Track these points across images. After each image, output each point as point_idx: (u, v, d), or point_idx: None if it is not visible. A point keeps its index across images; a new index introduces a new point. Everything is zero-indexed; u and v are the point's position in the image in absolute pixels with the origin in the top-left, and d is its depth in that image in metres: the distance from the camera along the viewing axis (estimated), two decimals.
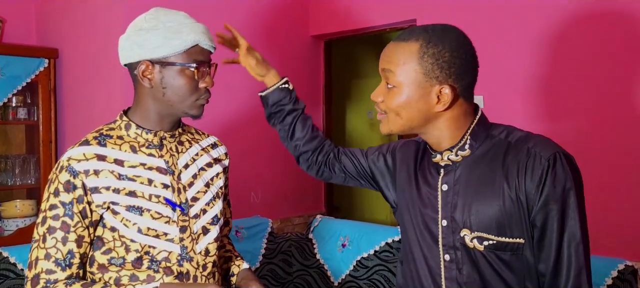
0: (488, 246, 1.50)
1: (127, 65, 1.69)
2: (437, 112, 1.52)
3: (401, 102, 1.52)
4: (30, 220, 3.90)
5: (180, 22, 1.64)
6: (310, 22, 4.57)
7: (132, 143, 1.69)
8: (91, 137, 1.68)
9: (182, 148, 1.78)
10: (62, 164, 1.61)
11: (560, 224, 1.44)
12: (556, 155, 1.46)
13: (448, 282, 1.57)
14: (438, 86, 1.49)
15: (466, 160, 1.57)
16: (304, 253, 3.45)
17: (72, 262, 1.59)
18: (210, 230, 1.76)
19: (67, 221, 1.58)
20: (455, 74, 1.48)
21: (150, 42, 1.61)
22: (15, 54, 3.78)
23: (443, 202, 1.58)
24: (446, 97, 1.49)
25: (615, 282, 2.36)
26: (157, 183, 1.67)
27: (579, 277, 1.44)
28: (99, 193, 1.60)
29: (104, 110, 3.64)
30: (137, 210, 1.62)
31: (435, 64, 1.48)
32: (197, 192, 1.76)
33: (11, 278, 2.70)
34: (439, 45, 1.48)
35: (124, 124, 1.72)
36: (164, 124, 1.73)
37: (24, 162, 3.98)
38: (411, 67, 1.50)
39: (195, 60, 1.64)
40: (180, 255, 1.68)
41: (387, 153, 1.87)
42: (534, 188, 1.45)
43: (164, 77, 1.64)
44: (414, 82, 1.50)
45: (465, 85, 1.52)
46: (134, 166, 1.66)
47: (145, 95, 1.69)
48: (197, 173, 1.79)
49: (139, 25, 1.65)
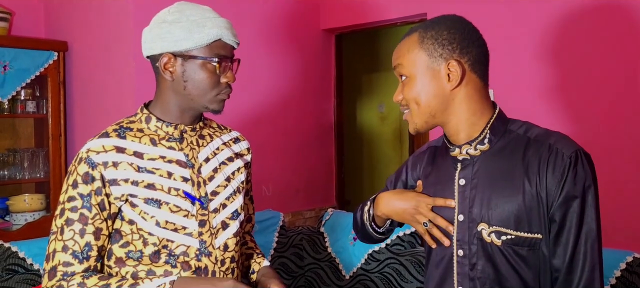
0: (506, 241, 1.50)
1: (149, 58, 1.68)
2: (451, 91, 1.53)
3: (416, 89, 1.55)
4: (39, 214, 3.88)
5: (204, 16, 1.63)
6: (321, 16, 4.57)
7: (152, 136, 1.68)
8: (111, 129, 1.66)
9: (203, 141, 1.76)
10: (81, 156, 1.60)
11: (578, 221, 1.45)
12: (578, 152, 1.47)
13: (460, 277, 1.57)
14: (444, 63, 1.52)
15: (484, 155, 1.56)
16: (316, 247, 3.43)
17: (90, 254, 1.57)
18: (230, 225, 1.74)
19: (85, 213, 1.57)
20: (458, 48, 1.52)
21: (173, 35, 1.60)
22: (23, 47, 3.76)
23: (460, 196, 1.58)
24: (455, 72, 1.51)
25: (623, 274, 2.38)
26: (176, 176, 1.65)
27: (592, 273, 1.46)
28: (118, 185, 1.58)
29: (114, 103, 3.62)
30: (155, 203, 1.60)
31: (436, 43, 1.52)
32: (217, 186, 1.73)
33: (20, 272, 2.68)
34: (435, 27, 1.54)
35: (145, 117, 1.70)
36: (185, 118, 1.71)
37: (33, 155, 3.96)
38: (415, 53, 1.55)
39: (218, 54, 1.63)
40: (199, 249, 1.65)
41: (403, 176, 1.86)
42: (555, 185, 1.46)
43: (186, 71, 1.63)
44: (421, 67, 1.54)
45: (473, 60, 1.54)
46: (154, 159, 1.64)
47: (166, 88, 1.68)
48: (218, 167, 1.76)
49: (162, 18, 1.64)
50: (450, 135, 1.61)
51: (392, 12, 4.11)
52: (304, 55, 4.45)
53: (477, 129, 1.57)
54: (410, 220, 1.66)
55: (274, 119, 4.21)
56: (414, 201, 1.64)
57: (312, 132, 4.54)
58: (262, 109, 4.03)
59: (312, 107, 4.53)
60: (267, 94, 4.14)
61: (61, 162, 3.93)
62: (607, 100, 3.13)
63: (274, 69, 4.19)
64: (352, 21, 4.38)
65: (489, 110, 1.58)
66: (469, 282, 1.55)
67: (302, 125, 4.45)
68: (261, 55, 4.06)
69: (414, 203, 1.64)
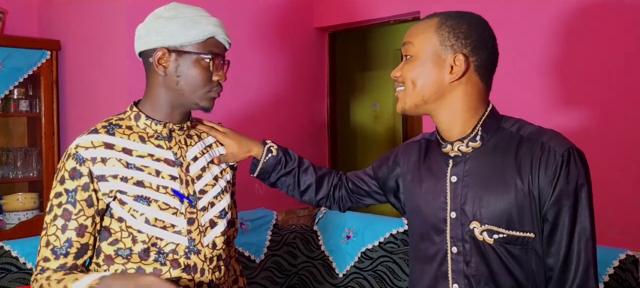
0: (498, 240, 1.50)
1: (142, 54, 1.70)
2: (450, 83, 1.53)
3: (417, 69, 1.55)
4: (32, 213, 3.88)
5: (199, 14, 1.67)
6: (314, 14, 4.56)
7: (141, 133, 1.69)
8: (100, 126, 1.68)
9: (190, 141, 1.79)
10: (70, 152, 1.61)
11: (571, 220, 1.45)
12: (570, 150, 1.46)
13: (455, 274, 1.57)
14: (452, 55, 1.51)
15: (476, 152, 1.56)
16: (309, 245, 3.44)
17: (69, 251, 1.58)
18: (218, 224, 1.76)
19: (69, 208, 1.58)
20: (470, 46, 1.51)
21: (168, 30, 1.63)
22: (16, 46, 3.75)
23: (452, 193, 1.58)
24: (459, 66, 1.51)
25: (616, 271, 2.38)
26: (164, 174, 1.67)
27: (587, 272, 1.45)
28: (106, 181, 1.60)
29: (106, 102, 3.62)
30: (144, 201, 1.62)
31: (452, 33, 1.52)
32: (206, 185, 1.76)
33: (13, 272, 2.67)
34: (457, 19, 1.53)
35: (134, 115, 1.72)
36: (174, 116, 1.73)
37: (26, 154, 3.95)
38: (428, 36, 1.54)
39: (211, 51, 1.66)
40: (188, 247, 1.67)
41: (391, 162, 1.87)
42: (548, 183, 1.46)
43: (179, 66, 1.65)
44: (429, 50, 1.53)
45: (481, 62, 1.53)
46: (142, 156, 1.66)
47: (158, 84, 1.69)
48: (206, 166, 1.79)
49: (158, 14, 1.67)
50: (442, 131, 1.61)
51: (385, 10, 4.11)
52: (297, 53, 4.45)
53: (470, 126, 1.56)
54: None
55: (267, 118, 4.21)
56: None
57: (306, 131, 4.54)
58: (255, 108, 4.03)
59: (306, 106, 4.53)
60: (260, 92, 4.13)
61: (54, 161, 3.92)
62: (601, 97, 3.13)
63: (266, 68, 4.18)
64: (346, 19, 4.37)
65: (482, 109, 1.57)
66: (463, 279, 1.55)
67: (295, 124, 4.45)
68: (254, 53, 4.06)
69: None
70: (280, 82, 4.31)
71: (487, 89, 1.58)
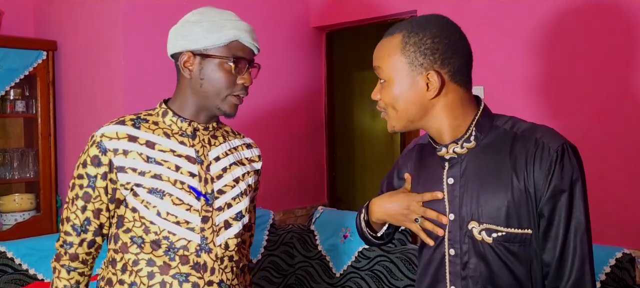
0: (497, 238, 1.50)
1: (172, 56, 1.76)
2: (430, 100, 1.53)
3: (394, 94, 1.55)
4: (29, 214, 3.87)
5: (225, 18, 1.72)
6: (311, 13, 4.56)
7: (166, 129, 1.75)
8: (128, 118, 1.75)
9: (215, 141, 1.83)
10: (95, 139, 1.69)
11: (567, 215, 1.46)
12: (564, 146, 1.47)
13: (452, 276, 1.57)
14: (424, 73, 1.50)
15: (471, 152, 1.56)
16: (306, 245, 3.43)
17: (88, 228, 1.72)
18: (232, 226, 1.78)
19: (89, 192, 1.69)
20: (440, 59, 1.50)
21: (193, 34, 1.68)
22: (12, 46, 3.74)
23: (449, 195, 1.58)
24: (434, 83, 1.50)
25: (613, 269, 2.39)
26: (183, 170, 1.71)
27: (583, 266, 1.46)
28: (125, 173, 1.66)
29: (103, 103, 3.61)
30: (158, 194, 1.66)
31: (418, 52, 1.50)
32: (225, 186, 1.78)
33: (9, 273, 2.67)
34: (419, 34, 1.51)
35: (162, 111, 1.78)
36: (200, 118, 1.78)
37: (22, 155, 3.94)
38: (396, 58, 1.53)
39: (234, 55, 1.69)
40: (200, 245, 1.70)
41: (395, 179, 1.87)
42: (543, 179, 1.46)
43: (203, 69, 1.70)
44: (401, 73, 1.53)
45: (454, 70, 1.52)
46: (164, 151, 1.71)
47: (185, 86, 1.75)
48: (227, 167, 1.81)
49: (186, 19, 1.74)
50: (435, 137, 1.61)
51: (382, 9, 4.11)
52: (295, 53, 4.44)
53: (462, 129, 1.56)
54: (403, 221, 1.66)
55: (264, 117, 4.20)
56: (405, 201, 1.65)
57: (303, 130, 4.54)
58: (253, 107, 4.03)
59: (303, 105, 4.53)
60: (257, 92, 4.11)
61: (51, 161, 3.92)
62: (598, 96, 3.13)
63: (264, 67, 4.12)
64: (343, 19, 4.37)
65: (472, 110, 1.57)
66: (461, 281, 1.55)
67: (293, 123, 4.44)
68: None
69: (404, 203, 1.64)
70: (277, 81, 4.30)
71: (468, 90, 1.57)
